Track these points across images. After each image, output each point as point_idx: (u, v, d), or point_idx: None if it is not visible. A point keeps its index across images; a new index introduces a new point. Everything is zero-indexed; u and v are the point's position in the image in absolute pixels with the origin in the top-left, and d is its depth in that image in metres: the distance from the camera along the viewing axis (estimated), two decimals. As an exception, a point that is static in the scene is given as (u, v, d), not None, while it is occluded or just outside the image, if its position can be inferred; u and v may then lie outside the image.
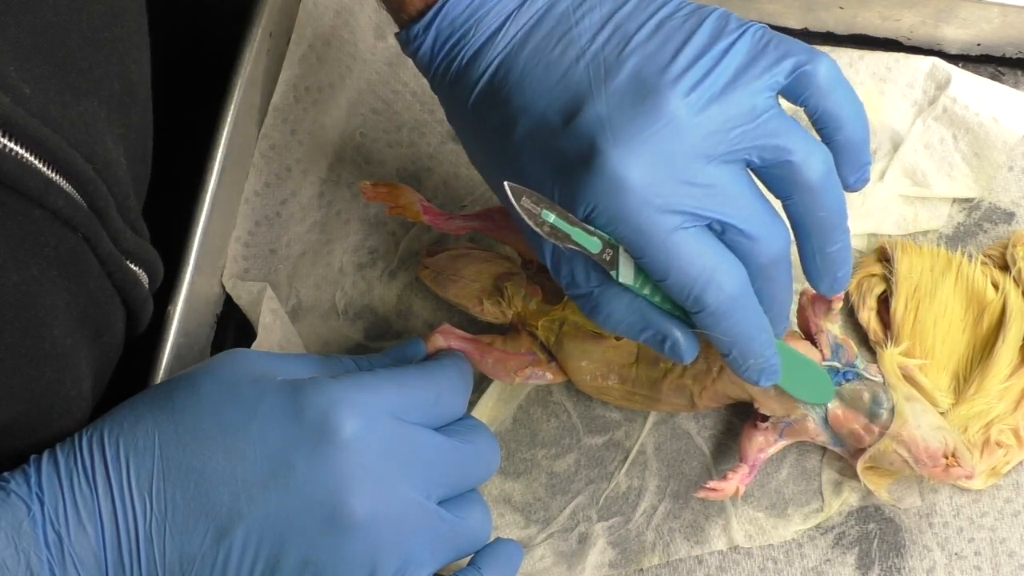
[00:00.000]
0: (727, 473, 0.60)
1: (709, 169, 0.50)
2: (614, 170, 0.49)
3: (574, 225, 0.50)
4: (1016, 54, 0.69)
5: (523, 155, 0.52)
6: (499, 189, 0.52)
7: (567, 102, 0.51)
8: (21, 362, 0.46)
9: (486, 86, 0.53)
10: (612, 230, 0.50)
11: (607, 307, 0.53)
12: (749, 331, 0.52)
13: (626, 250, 0.51)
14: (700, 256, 0.50)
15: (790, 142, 0.51)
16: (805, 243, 0.53)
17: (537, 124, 0.51)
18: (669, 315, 0.53)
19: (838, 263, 0.54)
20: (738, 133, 0.50)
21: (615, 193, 0.49)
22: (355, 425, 0.50)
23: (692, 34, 0.51)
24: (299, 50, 0.70)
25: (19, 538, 0.47)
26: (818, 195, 0.52)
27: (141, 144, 0.53)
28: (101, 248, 0.48)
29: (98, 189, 0.47)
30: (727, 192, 0.50)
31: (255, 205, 0.68)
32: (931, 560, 0.61)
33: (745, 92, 0.50)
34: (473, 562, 0.54)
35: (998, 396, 0.61)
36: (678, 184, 0.50)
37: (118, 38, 0.49)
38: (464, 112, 0.54)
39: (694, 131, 0.50)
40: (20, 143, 0.43)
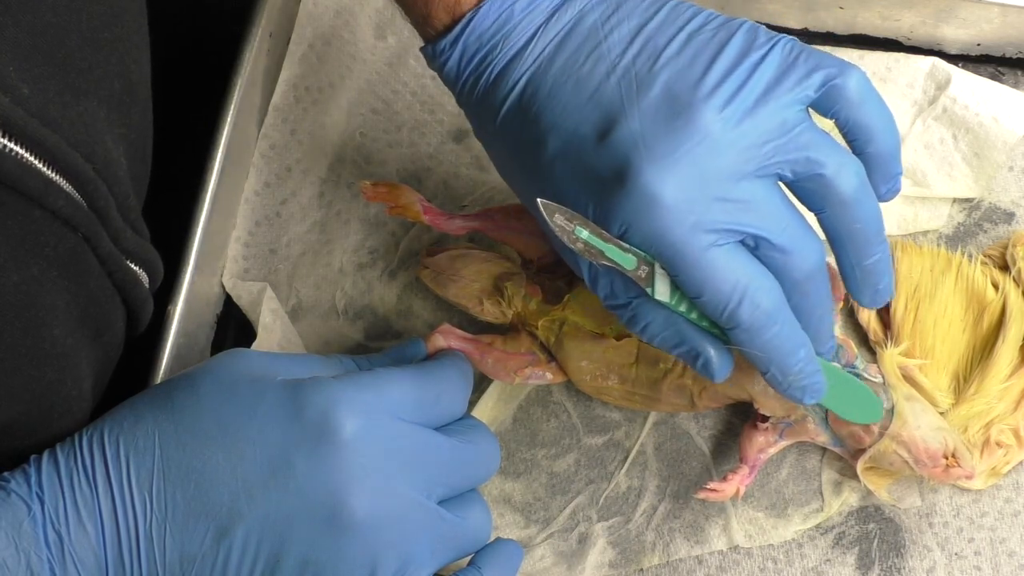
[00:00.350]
0: (727, 474, 0.60)
1: (743, 185, 0.50)
2: (648, 188, 0.49)
3: (608, 242, 0.50)
4: (1016, 54, 0.69)
5: (555, 172, 0.51)
6: (532, 205, 0.52)
7: (599, 118, 0.50)
8: (22, 362, 0.46)
9: (515, 103, 0.53)
10: (647, 247, 0.50)
11: (644, 319, 0.52)
12: (786, 347, 0.52)
13: (662, 267, 0.50)
14: (734, 272, 0.50)
15: (822, 155, 0.50)
16: (843, 257, 0.53)
17: (569, 141, 0.51)
18: (705, 332, 0.52)
19: (878, 275, 0.54)
20: (771, 148, 0.50)
21: (649, 211, 0.49)
22: (355, 425, 0.50)
23: (722, 48, 0.51)
24: (299, 50, 0.70)
25: (19, 538, 0.47)
26: (852, 207, 0.51)
27: (141, 144, 0.53)
28: (101, 248, 0.48)
29: (98, 189, 0.47)
30: (760, 207, 0.50)
31: (255, 205, 0.68)
32: (931, 560, 0.61)
33: (777, 106, 0.50)
34: (473, 562, 0.54)
35: (998, 396, 0.61)
36: (712, 201, 0.49)
37: (118, 38, 0.49)
38: (493, 129, 0.54)
39: (728, 147, 0.49)
40: (20, 143, 0.43)
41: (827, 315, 0.54)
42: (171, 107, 0.60)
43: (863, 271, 0.53)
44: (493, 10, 0.53)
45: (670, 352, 0.54)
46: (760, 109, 0.50)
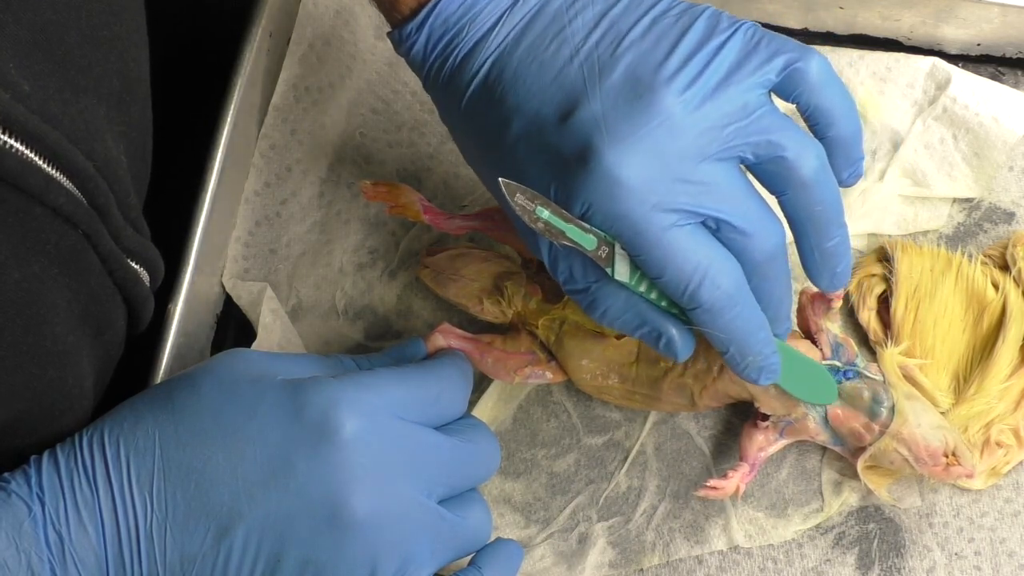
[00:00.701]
0: (727, 472, 0.60)
1: (703, 167, 0.50)
2: (609, 169, 0.49)
3: (568, 222, 0.50)
4: (1016, 54, 0.69)
5: (518, 154, 0.52)
6: (493, 186, 0.53)
7: (562, 101, 0.51)
8: (23, 360, 0.46)
9: (480, 85, 0.53)
10: (608, 228, 0.50)
11: (604, 303, 0.53)
12: (746, 328, 0.52)
13: (622, 247, 0.51)
14: (695, 253, 0.50)
15: (783, 138, 0.51)
16: (802, 239, 0.54)
17: (532, 123, 0.52)
18: (665, 312, 0.53)
19: (836, 257, 0.54)
20: (732, 130, 0.50)
21: (610, 191, 0.50)
22: (355, 424, 0.50)
23: (685, 32, 0.51)
24: (299, 50, 0.70)
25: (20, 538, 0.47)
26: (813, 190, 0.52)
27: (141, 142, 0.53)
28: (102, 246, 0.48)
29: (98, 186, 0.47)
30: (721, 189, 0.51)
31: (255, 205, 0.68)
32: (931, 560, 0.61)
33: (738, 89, 0.51)
34: (473, 562, 0.54)
35: (998, 396, 0.61)
36: (673, 182, 0.50)
37: (117, 36, 0.49)
38: (458, 111, 0.55)
39: (689, 129, 0.50)
40: (20, 140, 0.43)
41: (786, 297, 0.54)
42: (171, 107, 0.60)
43: (822, 253, 0.54)
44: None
45: (632, 335, 0.54)
46: (721, 92, 0.50)
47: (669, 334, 0.53)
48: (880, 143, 0.67)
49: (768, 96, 0.52)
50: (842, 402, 0.59)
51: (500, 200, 0.53)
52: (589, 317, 0.55)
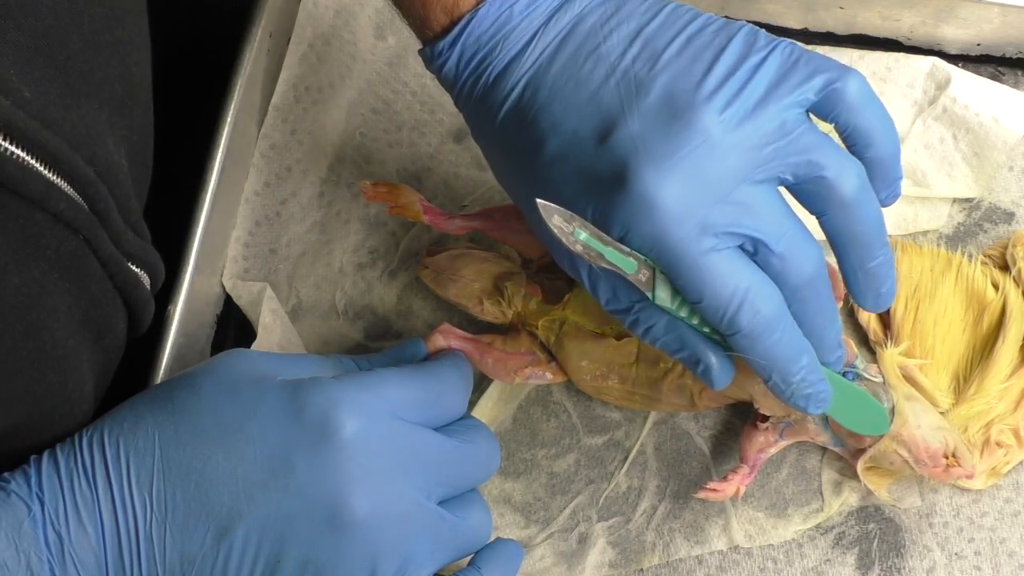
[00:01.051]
0: (727, 474, 0.60)
1: (742, 188, 0.50)
2: (648, 191, 0.49)
3: (607, 244, 0.50)
4: (1016, 54, 0.69)
5: (554, 174, 0.51)
6: (528, 207, 0.52)
7: (599, 121, 0.50)
8: (23, 365, 0.46)
9: (514, 104, 0.53)
10: (646, 251, 0.50)
11: (646, 324, 0.52)
12: (787, 354, 0.51)
13: (663, 272, 0.50)
14: (733, 277, 0.50)
15: (823, 157, 0.50)
16: (844, 259, 0.53)
17: (568, 143, 0.51)
18: (706, 338, 0.52)
19: (880, 278, 0.53)
20: (771, 151, 0.50)
21: (649, 214, 0.49)
22: (355, 425, 0.50)
23: (722, 51, 0.51)
24: (299, 50, 0.70)
25: (20, 538, 0.47)
26: (853, 210, 0.51)
27: (142, 146, 0.53)
28: (102, 250, 0.48)
29: (99, 191, 0.47)
30: (760, 212, 0.50)
31: (255, 205, 0.68)
32: (931, 560, 0.61)
33: (776, 109, 0.50)
34: (473, 562, 0.54)
35: (998, 396, 0.61)
36: (712, 204, 0.49)
37: (119, 40, 0.49)
38: (492, 130, 0.54)
39: (728, 150, 0.49)
40: (21, 146, 0.43)
41: (830, 323, 0.53)
42: (171, 107, 0.60)
43: (865, 274, 0.53)
44: (492, 12, 0.53)
45: (672, 356, 0.53)
46: (760, 112, 0.50)
47: (708, 361, 0.52)
48: (880, 143, 0.67)
49: (806, 115, 0.51)
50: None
51: (534, 222, 0.52)
52: (632, 333, 0.53)
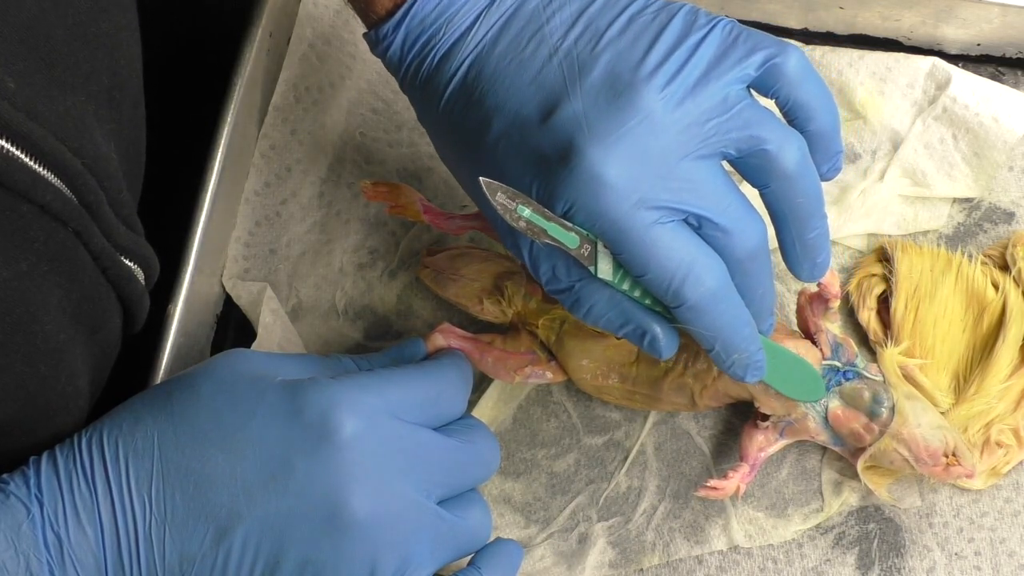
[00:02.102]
0: (727, 472, 0.60)
1: (685, 164, 0.50)
2: (592, 167, 0.50)
3: (550, 220, 0.50)
4: (1016, 54, 0.69)
5: (498, 153, 0.52)
6: (472, 187, 0.53)
7: (542, 100, 0.51)
8: (13, 358, 0.46)
9: (459, 85, 0.53)
10: (590, 226, 0.51)
11: (588, 301, 0.53)
12: (731, 325, 0.52)
13: (605, 246, 0.51)
14: (678, 251, 0.50)
15: (765, 131, 0.51)
16: (784, 231, 0.54)
17: (512, 122, 0.52)
18: (649, 310, 0.53)
19: (817, 248, 0.54)
20: (712, 126, 0.51)
21: (593, 190, 0.50)
22: (355, 425, 0.50)
23: (663, 29, 0.52)
24: (299, 50, 0.70)
25: (19, 540, 0.47)
26: (795, 182, 0.52)
27: (134, 139, 0.53)
28: (93, 243, 0.48)
29: (87, 183, 0.46)
30: (704, 187, 0.51)
31: (255, 205, 0.68)
32: (931, 560, 0.61)
33: (718, 85, 0.51)
34: (473, 562, 0.54)
35: (998, 396, 0.61)
36: (655, 179, 0.50)
37: (105, 32, 0.49)
38: (436, 112, 0.55)
39: (670, 126, 0.50)
40: (5, 137, 0.42)
41: (769, 293, 0.54)
42: (171, 107, 0.60)
43: (803, 245, 0.54)
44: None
45: (616, 333, 0.54)
46: (701, 88, 0.51)
47: (653, 332, 0.53)
48: (880, 143, 0.67)
49: (748, 91, 0.52)
50: (842, 403, 0.59)
51: (478, 200, 0.53)
52: (573, 316, 0.55)
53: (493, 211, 0.51)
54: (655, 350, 0.54)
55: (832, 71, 0.67)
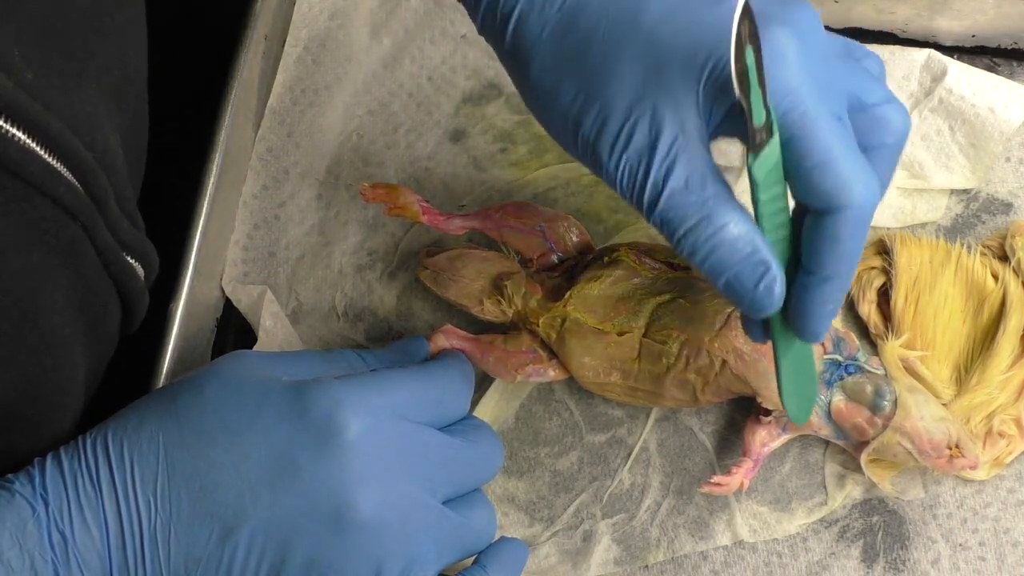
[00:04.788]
0: (731, 468, 0.60)
1: (836, 85, 0.48)
2: (782, 40, 0.46)
3: (760, 86, 0.46)
4: (1011, 45, 0.69)
5: (662, 33, 0.48)
6: (597, 86, 0.48)
7: None
8: (19, 350, 0.46)
9: None
10: (779, 100, 0.47)
11: (721, 219, 0.47)
12: (856, 258, 0.49)
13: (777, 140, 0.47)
14: (855, 153, 0.47)
15: (876, 88, 0.50)
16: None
17: (676, 1, 0.48)
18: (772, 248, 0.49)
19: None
20: (847, 67, 0.50)
21: (784, 60, 0.46)
22: (360, 425, 0.50)
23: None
24: (295, 52, 0.70)
25: (24, 539, 0.47)
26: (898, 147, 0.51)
27: (137, 135, 0.53)
28: (99, 238, 0.48)
29: (97, 178, 0.46)
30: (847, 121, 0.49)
31: (253, 208, 0.68)
32: (935, 551, 0.61)
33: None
34: (478, 561, 0.54)
35: (1000, 386, 0.61)
36: (829, 80, 0.48)
37: (117, 26, 0.49)
38: (552, 10, 0.50)
39: (825, 42, 0.49)
40: (22, 128, 0.42)
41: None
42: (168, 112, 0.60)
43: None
44: None
45: (730, 266, 0.48)
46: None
47: (774, 270, 0.48)
48: (877, 136, 0.67)
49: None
50: (845, 397, 0.59)
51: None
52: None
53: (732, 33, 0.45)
54: (769, 295, 0.48)
55: (828, 65, 0.67)
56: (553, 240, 0.63)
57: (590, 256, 0.63)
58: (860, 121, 0.49)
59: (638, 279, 0.61)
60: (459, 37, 0.70)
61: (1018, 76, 0.68)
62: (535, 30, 0.50)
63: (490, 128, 0.69)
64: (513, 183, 0.68)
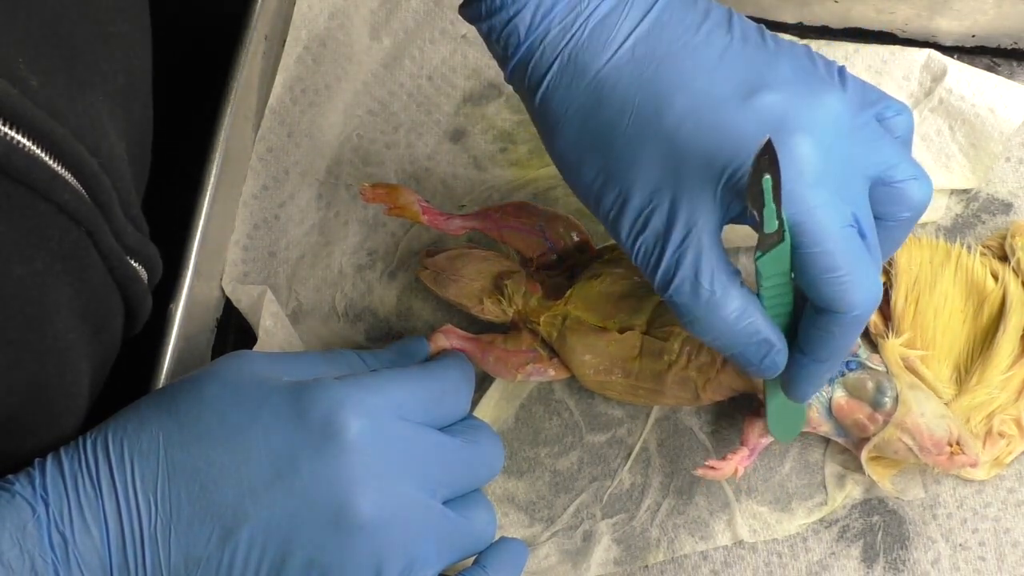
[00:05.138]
0: (726, 455, 0.60)
1: (856, 178, 0.50)
2: (802, 152, 0.48)
3: (774, 201, 0.47)
4: (1011, 45, 0.69)
5: (683, 132, 0.50)
6: (619, 173, 0.50)
7: (739, 81, 0.50)
8: (24, 356, 0.46)
9: (626, 59, 0.51)
10: (792, 211, 0.48)
11: (727, 306, 0.50)
12: (847, 348, 0.52)
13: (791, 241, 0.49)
14: (864, 259, 0.49)
15: (901, 164, 0.51)
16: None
17: (703, 101, 0.50)
18: (773, 323, 0.52)
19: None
20: (873, 146, 0.51)
21: (801, 174, 0.48)
22: (360, 425, 0.50)
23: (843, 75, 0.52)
24: (295, 52, 0.70)
25: (24, 539, 0.47)
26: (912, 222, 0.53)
27: (142, 139, 0.53)
28: (104, 243, 0.48)
29: (102, 183, 0.47)
30: (865, 206, 0.50)
31: (253, 208, 0.68)
32: (935, 551, 0.61)
33: (872, 111, 0.52)
34: (478, 561, 0.54)
35: (1000, 386, 0.61)
36: (842, 181, 0.49)
37: (122, 32, 0.49)
38: (579, 89, 0.51)
39: (849, 133, 0.50)
40: (27, 135, 0.42)
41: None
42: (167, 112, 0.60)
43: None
44: None
45: (737, 344, 0.51)
46: (868, 103, 0.51)
47: (778, 347, 0.51)
48: (877, 136, 0.67)
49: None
50: (846, 393, 0.59)
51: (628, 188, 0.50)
52: (689, 321, 0.51)
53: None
54: (772, 365, 0.52)
55: (828, 65, 0.67)
56: (553, 239, 0.63)
57: (590, 255, 0.63)
58: (881, 193, 0.51)
59: (638, 277, 0.61)
60: (459, 37, 0.70)
61: (1018, 76, 0.68)
62: (561, 107, 0.52)
63: (490, 128, 0.69)
64: (513, 183, 0.68)
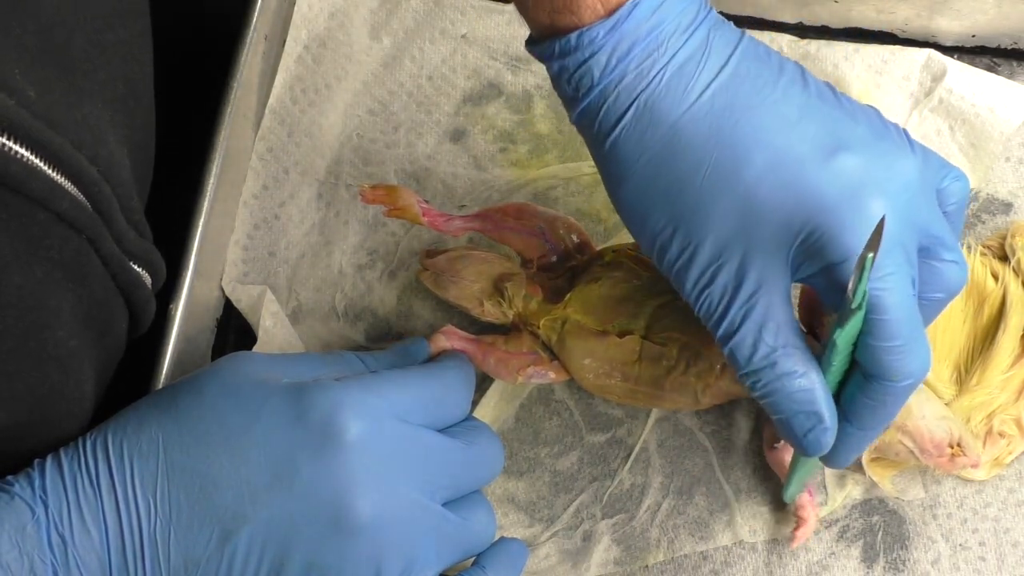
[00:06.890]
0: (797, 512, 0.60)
1: (912, 243, 0.50)
2: (886, 220, 0.47)
3: (864, 272, 0.47)
4: (1011, 45, 0.69)
5: (762, 189, 0.48)
6: (703, 224, 0.49)
7: (820, 139, 0.49)
8: (25, 365, 0.46)
9: (704, 112, 0.49)
10: (876, 284, 0.48)
11: (787, 367, 0.50)
12: (892, 415, 0.52)
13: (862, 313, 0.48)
14: (921, 326, 0.49)
15: (948, 243, 0.51)
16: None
17: (784, 159, 0.49)
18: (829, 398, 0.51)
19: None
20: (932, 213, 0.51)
21: (887, 247, 0.47)
22: (359, 427, 0.50)
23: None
24: (294, 52, 0.70)
25: (23, 541, 0.47)
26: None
27: (144, 144, 0.53)
28: (105, 250, 0.48)
29: (102, 191, 0.47)
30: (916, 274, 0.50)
31: (253, 208, 0.68)
32: (935, 552, 0.61)
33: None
34: (478, 562, 0.54)
35: (1000, 386, 0.61)
36: (910, 245, 0.49)
37: (121, 40, 0.49)
38: (654, 140, 0.50)
39: (919, 200, 0.50)
40: (25, 146, 0.42)
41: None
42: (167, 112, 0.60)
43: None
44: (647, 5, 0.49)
45: (790, 410, 0.50)
46: (933, 169, 0.52)
47: (828, 423, 0.50)
48: (877, 136, 0.67)
49: None
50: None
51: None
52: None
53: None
54: (814, 441, 0.50)
55: (828, 65, 0.67)
56: (553, 241, 0.63)
57: (590, 257, 0.63)
58: (923, 268, 0.51)
59: (638, 280, 0.61)
60: (459, 37, 0.70)
61: (1018, 76, 0.68)
62: (633, 155, 0.50)
63: (490, 128, 0.69)
64: (513, 183, 0.68)
